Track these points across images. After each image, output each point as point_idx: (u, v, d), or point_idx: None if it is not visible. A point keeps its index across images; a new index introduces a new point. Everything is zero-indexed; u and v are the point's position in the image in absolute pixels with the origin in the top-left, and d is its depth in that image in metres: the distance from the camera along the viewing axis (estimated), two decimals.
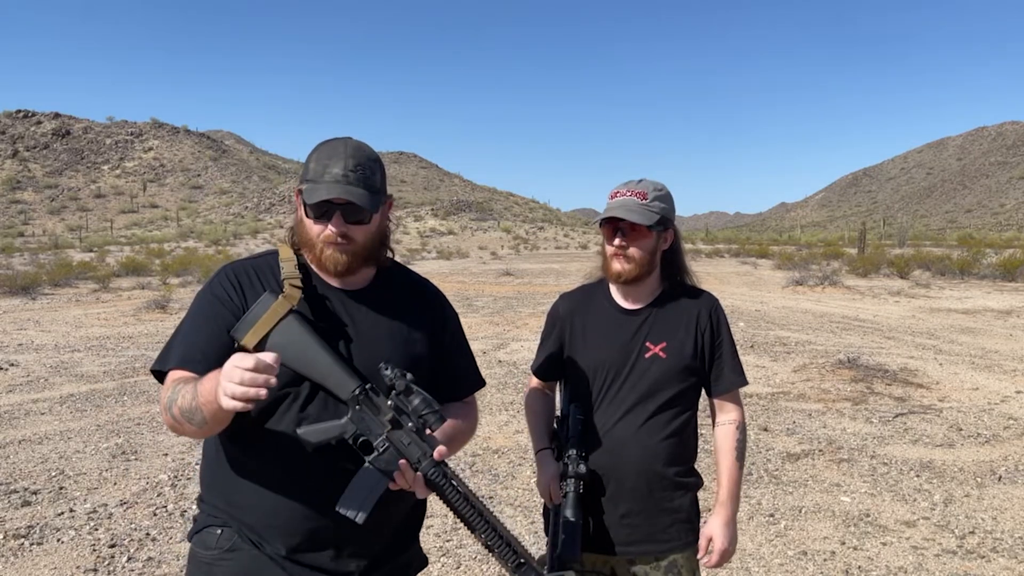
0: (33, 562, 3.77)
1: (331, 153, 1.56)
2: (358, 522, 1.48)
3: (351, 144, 1.58)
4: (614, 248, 1.98)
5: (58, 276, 20.85)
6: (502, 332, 11.68)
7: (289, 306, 1.50)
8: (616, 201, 1.99)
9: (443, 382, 1.71)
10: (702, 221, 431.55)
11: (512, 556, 1.49)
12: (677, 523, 2.00)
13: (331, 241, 1.56)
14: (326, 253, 1.57)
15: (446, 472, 1.48)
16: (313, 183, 1.54)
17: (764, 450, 5.67)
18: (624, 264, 1.97)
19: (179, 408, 1.43)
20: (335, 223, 1.54)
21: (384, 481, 1.47)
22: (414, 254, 41.13)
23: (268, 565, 1.55)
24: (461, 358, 1.79)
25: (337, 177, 1.53)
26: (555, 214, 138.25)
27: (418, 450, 1.48)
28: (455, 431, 1.66)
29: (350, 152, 1.56)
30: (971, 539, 4.12)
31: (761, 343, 10.51)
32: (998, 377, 8.43)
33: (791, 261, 28.93)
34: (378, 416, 1.48)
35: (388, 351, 1.59)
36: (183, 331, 1.58)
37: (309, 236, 1.58)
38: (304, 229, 1.60)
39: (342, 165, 1.54)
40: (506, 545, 1.49)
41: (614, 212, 1.95)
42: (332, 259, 1.57)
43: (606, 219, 1.98)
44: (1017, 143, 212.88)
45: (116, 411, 6.83)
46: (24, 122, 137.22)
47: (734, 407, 2.08)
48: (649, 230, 1.97)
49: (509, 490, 4.82)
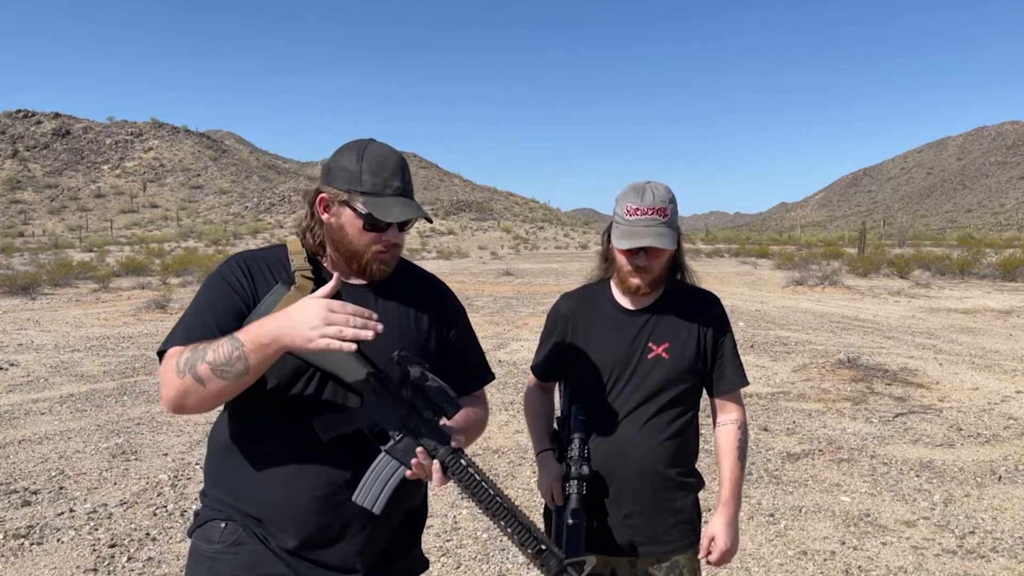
0: (33, 562, 3.77)
1: (382, 163, 1.56)
2: (375, 512, 1.47)
3: (394, 153, 1.60)
4: (636, 266, 1.95)
5: (58, 276, 20.86)
6: (502, 332, 11.68)
7: (300, 296, 1.50)
8: (640, 221, 1.91)
9: (452, 376, 1.70)
10: (702, 221, 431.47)
11: (533, 542, 1.48)
12: (680, 524, 2.00)
13: (383, 252, 1.59)
14: (372, 262, 1.59)
15: (463, 459, 1.47)
16: (375, 197, 1.54)
17: (764, 450, 5.67)
18: (644, 278, 1.97)
19: (209, 363, 1.39)
20: (393, 234, 1.58)
21: (401, 470, 1.46)
22: (414, 254, 41.12)
23: (272, 560, 1.54)
24: (469, 351, 1.79)
25: (399, 190, 1.56)
26: (555, 214, 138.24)
27: (435, 438, 1.47)
28: (468, 422, 1.66)
29: (399, 162, 1.59)
30: (971, 539, 4.12)
31: (761, 343, 10.51)
32: (998, 377, 8.43)
33: (791, 261, 28.91)
34: (393, 405, 1.48)
35: (397, 344, 1.58)
36: (191, 312, 1.56)
37: (356, 246, 1.58)
38: (346, 238, 1.58)
39: (400, 179, 1.56)
40: (526, 531, 1.47)
41: (647, 241, 1.89)
42: (377, 266, 1.60)
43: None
44: (1017, 143, 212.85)
45: (116, 411, 6.83)
46: (24, 122, 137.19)
47: (735, 407, 2.08)
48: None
49: (509, 490, 4.82)
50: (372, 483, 1.47)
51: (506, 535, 1.49)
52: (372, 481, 1.47)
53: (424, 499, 1.77)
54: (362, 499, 1.47)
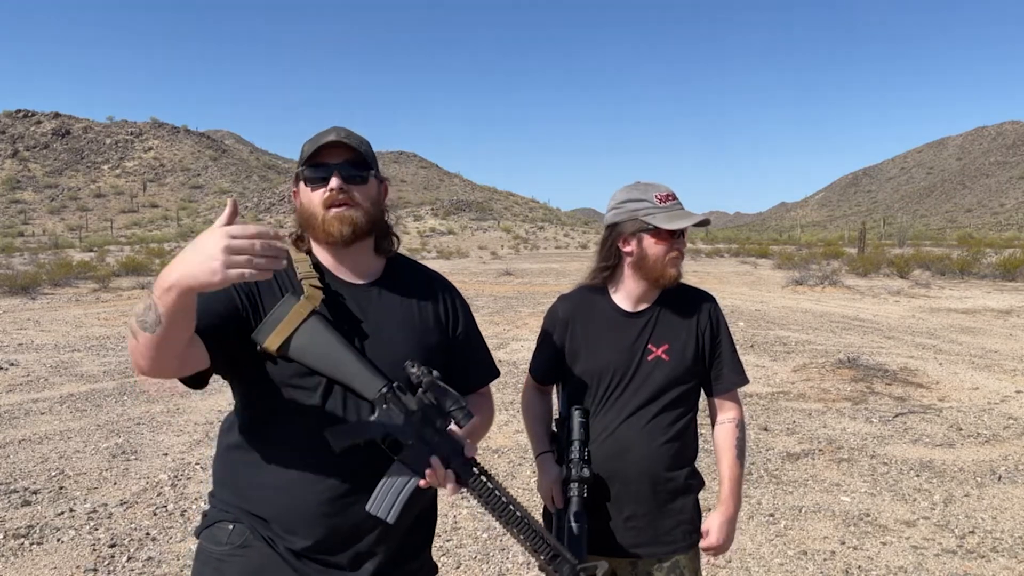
0: (33, 562, 3.76)
1: (322, 131, 1.62)
2: (389, 522, 1.46)
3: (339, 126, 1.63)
4: (676, 253, 1.99)
5: (58, 276, 20.86)
6: (502, 332, 11.68)
7: (312, 307, 1.49)
8: (677, 205, 2.00)
9: (457, 373, 1.69)
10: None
11: (546, 548, 1.48)
12: (681, 524, 2.00)
13: (333, 202, 1.55)
14: (328, 218, 1.55)
15: (476, 468, 1.48)
16: (308, 156, 1.58)
17: (764, 450, 5.67)
18: (679, 266, 2.01)
19: (134, 316, 1.31)
20: (334, 180, 1.55)
21: (415, 480, 1.46)
22: (414, 254, 41.11)
23: (279, 564, 1.53)
24: (475, 349, 1.78)
25: (331, 139, 1.57)
26: (555, 214, 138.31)
27: (448, 447, 1.47)
28: (475, 425, 1.65)
29: (341, 128, 1.62)
30: (971, 539, 4.12)
31: (761, 343, 10.51)
32: (998, 377, 8.43)
33: (791, 261, 28.92)
34: (405, 414, 1.47)
35: (402, 343, 1.58)
36: None
37: (311, 209, 1.58)
38: (304, 208, 1.60)
39: (335, 133, 1.58)
40: (539, 538, 1.48)
41: (699, 217, 1.98)
42: (336, 223, 1.55)
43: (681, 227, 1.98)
44: (1017, 143, 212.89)
45: (116, 411, 6.83)
46: (24, 122, 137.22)
47: (733, 406, 2.08)
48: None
49: (509, 489, 4.81)
50: (386, 493, 1.47)
51: (519, 541, 1.49)
52: (386, 491, 1.47)
53: (434, 503, 1.76)
54: (376, 508, 1.46)
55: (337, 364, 1.47)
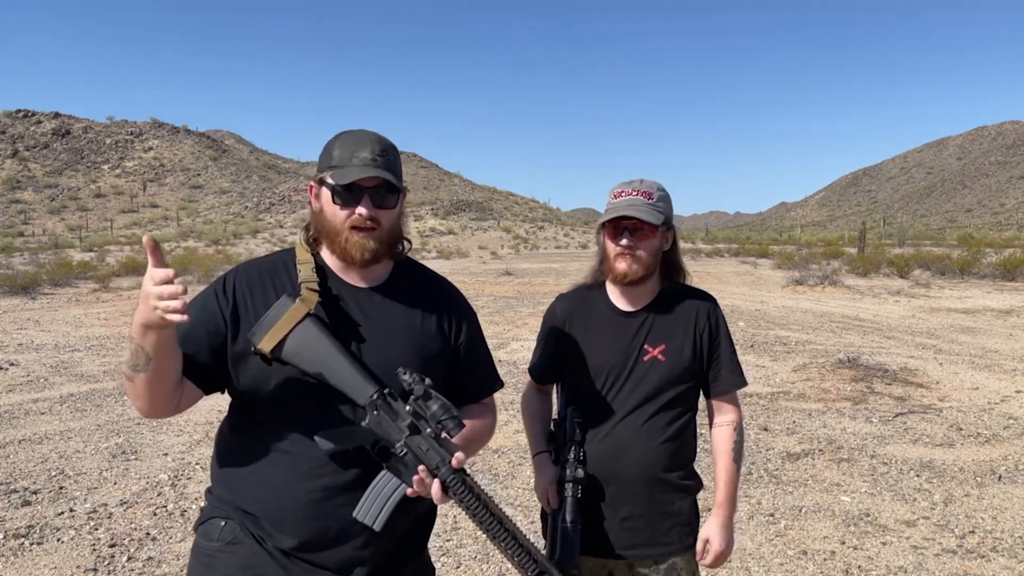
0: (33, 562, 3.77)
1: (356, 140, 1.57)
2: (376, 529, 1.46)
3: (373, 133, 1.59)
4: (621, 248, 1.93)
5: (58, 276, 20.85)
6: (502, 332, 11.67)
7: (306, 310, 1.49)
8: (622, 200, 1.93)
9: (459, 383, 1.68)
10: (702, 221, 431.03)
11: (532, 565, 1.46)
12: (677, 526, 1.99)
13: (358, 226, 1.54)
14: (352, 240, 1.54)
15: (464, 479, 1.45)
16: (341, 168, 1.54)
17: (764, 450, 5.67)
18: (631, 264, 1.93)
19: (125, 363, 1.42)
20: (364, 205, 1.53)
21: (402, 488, 1.46)
22: (414, 254, 41.03)
23: (268, 561, 1.53)
24: (478, 358, 1.75)
25: (366, 160, 1.53)
26: (555, 214, 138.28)
27: (436, 456, 1.45)
28: (473, 434, 1.63)
29: (375, 139, 1.57)
30: (971, 539, 4.12)
31: (761, 343, 10.50)
32: (998, 377, 8.43)
33: (791, 261, 28.90)
34: (396, 421, 1.46)
35: (401, 349, 1.57)
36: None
37: (333, 224, 1.56)
38: (326, 218, 1.57)
39: (370, 150, 1.54)
40: (526, 554, 1.46)
41: (625, 211, 1.90)
42: (359, 245, 1.54)
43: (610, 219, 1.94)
44: (1017, 143, 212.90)
45: (116, 411, 6.83)
46: (24, 122, 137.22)
47: (732, 408, 2.07)
48: (656, 230, 1.94)
49: (509, 490, 4.82)
50: (373, 500, 1.46)
51: (504, 556, 1.47)
52: (373, 498, 1.46)
53: (433, 505, 1.73)
54: (363, 516, 1.46)
55: (330, 368, 1.46)
